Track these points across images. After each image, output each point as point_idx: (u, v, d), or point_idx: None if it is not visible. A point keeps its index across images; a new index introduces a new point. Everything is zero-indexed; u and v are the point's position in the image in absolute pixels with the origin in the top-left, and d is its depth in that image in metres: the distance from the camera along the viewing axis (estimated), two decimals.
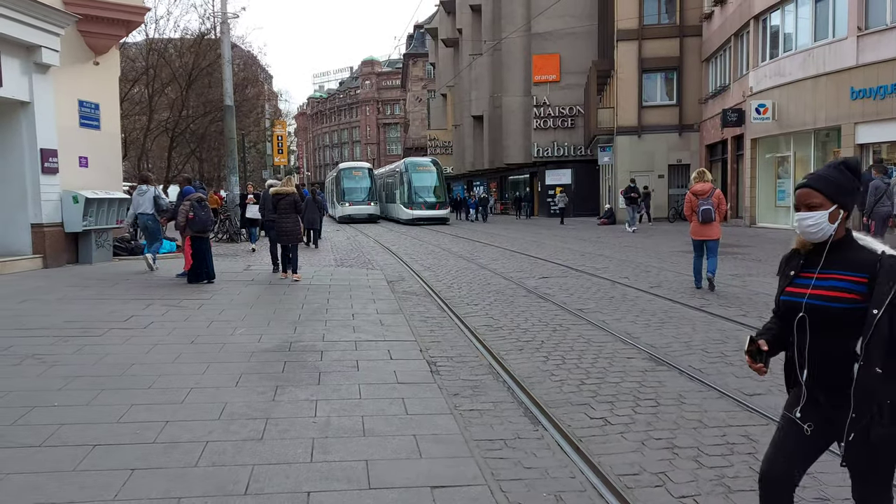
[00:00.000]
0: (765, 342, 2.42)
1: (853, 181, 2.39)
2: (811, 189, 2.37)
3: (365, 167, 40.53)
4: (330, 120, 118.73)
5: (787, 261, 2.53)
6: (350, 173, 38.62)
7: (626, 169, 30.76)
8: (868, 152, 18.47)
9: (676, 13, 30.54)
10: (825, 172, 2.40)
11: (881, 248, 2.30)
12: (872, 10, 17.98)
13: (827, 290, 2.30)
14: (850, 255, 2.33)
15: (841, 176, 2.38)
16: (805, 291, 2.35)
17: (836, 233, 2.34)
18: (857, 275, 2.27)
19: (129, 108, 24.22)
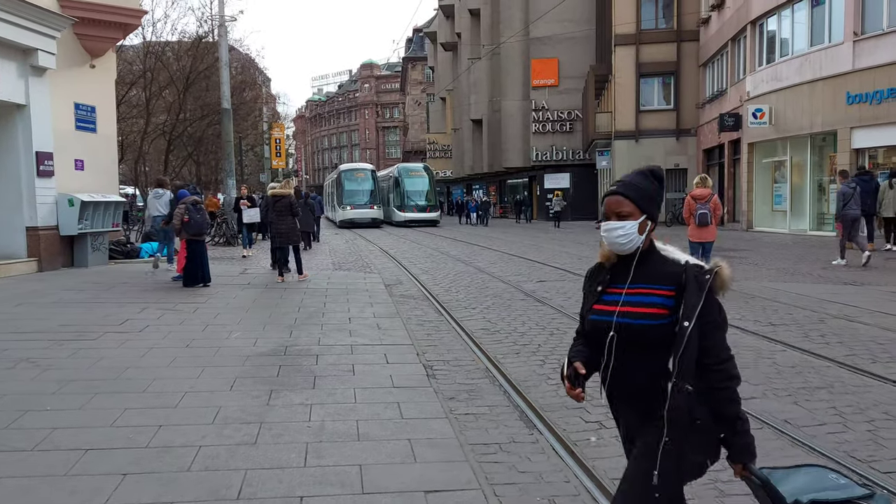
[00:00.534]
0: (581, 365, 2.25)
1: (660, 190, 2.30)
2: (623, 197, 2.23)
3: (367, 168, 38.89)
4: (329, 123, 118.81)
5: (592, 276, 2.36)
6: (352, 175, 36.93)
7: (623, 173, 30.47)
8: (864, 157, 18.51)
9: (674, 18, 30.62)
10: (635, 180, 2.28)
11: (684, 257, 2.21)
12: (869, 15, 18.03)
13: (636, 305, 2.17)
14: (657, 268, 2.21)
15: (650, 184, 2.27)
16: (614, 309, 2.20)
17: (643, 244, 2.23)
18: (664, 288, 2.15)
19: (126, 111, 24.19)
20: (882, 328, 7.29)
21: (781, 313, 8.28)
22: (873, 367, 5.74)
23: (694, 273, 2.12)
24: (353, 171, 38.24)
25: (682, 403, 2.07)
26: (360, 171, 37.77)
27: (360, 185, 36.02)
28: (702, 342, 2.08)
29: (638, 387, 2.18)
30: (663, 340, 2.11)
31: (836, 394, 5.03)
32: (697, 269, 2.14)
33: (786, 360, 6.01)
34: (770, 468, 2.12)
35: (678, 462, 2.11)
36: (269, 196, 12.37)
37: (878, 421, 4.43)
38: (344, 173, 37.28)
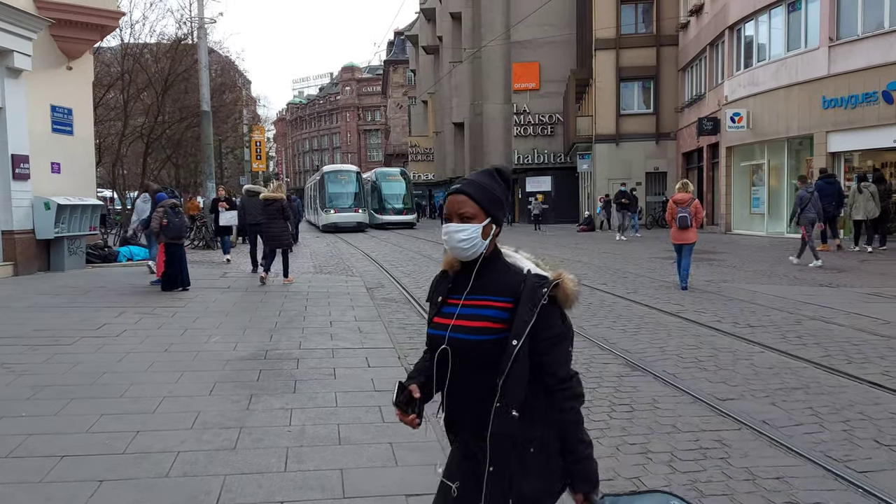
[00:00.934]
0: (417, 387, 2.03)
1: (506, 192, 2.09)
2: (466, 197, 1.99)
3: (352, 170, 37.54)
4: (310, 126, 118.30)
5: (437, 285, 2.13)
6: (335, 177, 35.64)
7: (604, 176, 31.02)
8: (840, 160, 18.79)
9: (653, 23, 30.90)
10: (481, 179, 2.05)
11: (527, 265, 2.01)
12: (844, 21, 18.32)
13: (470, 318, 1.95)
14: (498, 277, 1.99)
15: (497, 185, 2.05)
16: (449, 322, 1.98)
17: (487, 249, 2.00)
18: (501, 299, 1.94)
19: (104, 113, 23.92)
20: (856, 329, 7.40)
21: (759, 315, 8.37)
22: (848, 367, 5.82)
23: (531, 285, 1.91)
24: (338, 172, 36.84)
25: (506, 429, 1.87)
26: (345, 174, 36.47)
27: (345, 188, 34.90)
28: (540, 360, 1.89)
29: (473, 409, 1.95)
30: (498, 359, 1.88)
31: (812, 394, 5.10)
32: (536, 280, 1.93)
33: (763, 362, 6.08)
34: (614, 495, 1.99)
35: (508, 492, 1.89)
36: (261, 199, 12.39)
37: (854, 421, 4.50)
38: (327, 175, 36.00)
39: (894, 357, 6.15)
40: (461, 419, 2.01)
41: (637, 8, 31.38)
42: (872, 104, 17.14)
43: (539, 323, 1.87)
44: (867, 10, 17.61)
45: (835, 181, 16.17)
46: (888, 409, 4.70)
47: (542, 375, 1.91)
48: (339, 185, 35.01)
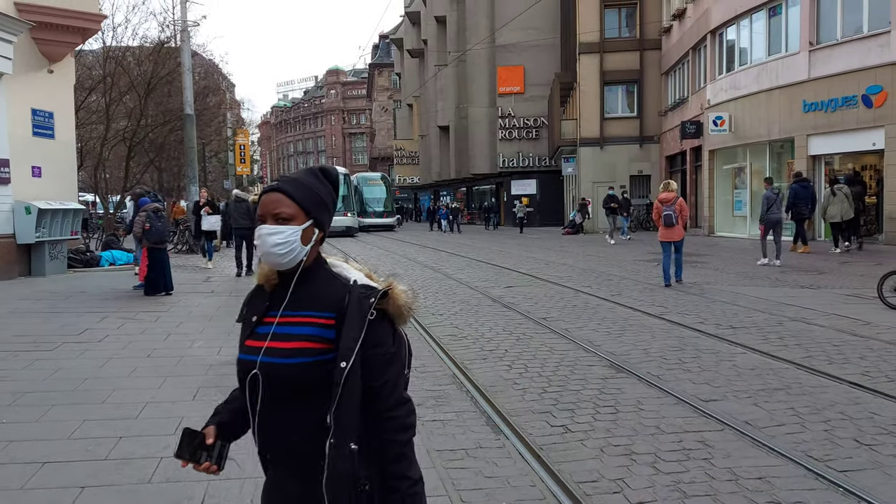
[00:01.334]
0: (213, 430, 1.77)
1: (332, 194, 1.82)
2: (284, 195, 1.72)
3: (340, 173, 38.93)
4: (294, 129, 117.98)
5: (250, 302, 1.83)
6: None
7: (589, 180, 31.17)
8: (820, 163, 19.02)
9: (636, 27, 31.13)
10: (302, 177, 1.78)
11: (354, 275, 1.76)
12: (824, 26, 18.55)
13: (287, 339, 1.66)
14: (319, 289, 1.72)
15: (320, 185, 1.78)
16: (262, 344, 1.69)
17: (308, 258, 1.73)
18: (323, 315, 1.67)
19: (86, 116, 23.67)
20: (837, 330, 7.48)
21: (741, 316, 8.45)
22: (829, 368, 5.88)
23: (357, 296, 1.66)
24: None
25: (345, 468, 1.59)
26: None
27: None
28: (369, 383, 1.64)
29: (294, 448, 1.67)
30: (321, 385, 1.62)
31: (793, 395, 5.15)
32: (363, 291, 1.68)
33: (746, 363, 6.13)
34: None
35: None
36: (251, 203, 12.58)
37: (834, 421, 4.55)
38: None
39: (874, 357, 6.23)
40: (281, 460, 1.72)
41: (620, 12, 31.60)
42: (852, 108, 17.37)
43: (366, 340, 1.63)
44: (846, 15, 17.85)
45: (808, 185, 16.42)
46: (868, 409, 4.76)
47: (371, 401, 1.66)
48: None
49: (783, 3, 19.89)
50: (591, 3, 30.62)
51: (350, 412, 1.61)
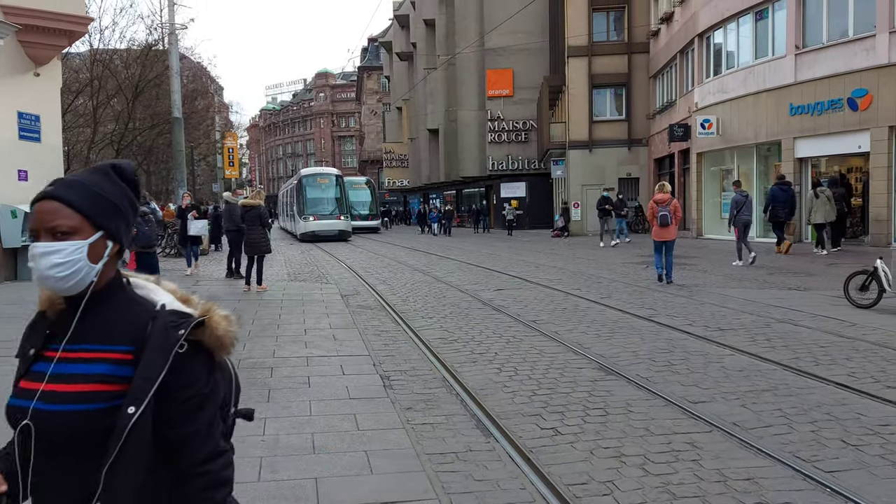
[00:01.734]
0: (1, 478, 1.37)
1: (128, 195, 1.47)
2: (61, 203, 1.38)
3: (332, 174, 34.62)
4: (283, 132, 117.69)
5: (29, 332, 1.46)
6: (314, 181, 32.67)
7: (578, 182, 31.28)
8: (807, 166, 19.18)
9: (624, 31, 31.28)
10: (86, 178, 1.44)
11: (163, 298, 1.44)
12: (810, 30, 18.73)
13: (69, 380, 1.33)
14: (115, 317, 1.39)
15: (112, 185, 1.44)
16: (38, 386, 1.35)
17: (100, 279, 1.38)
18: (118, 348, 1.35)
19: (73, 120, 23.55)
20: (823, 331, 7.55)
21: (729, 318, 8.50)
22: (816, 369, 5.93)
23: (163, 325, 1.35)
24: (317, 176, 33.72)
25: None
26: (325, 177, 33.51)
27: (325, 193, 31.95)
28: (172, 433, 1.34)
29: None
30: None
31: (781, 396, 5.19)
32: (172, 319, 1.36)
33: (734, 364, 6.17)
34: None
35: None
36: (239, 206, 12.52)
37: (821, 422, 4.59)
38: (306, 179, 32.83)
39: (860, 359, 6.29)
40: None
41: (609, 16, 31.75)
42: (838, 111, 17.53)
43: (171, 380, 1.31)
44: (832, 19, 18.03)
45: (788, 188, 16.63)
46: (854, 410, 4.81)
47: (177, 456, 1.36)
48: (319, 189, 31.97)
49: (770, 7, 20.06)
50: (580, 7, 30.77)
51: (131, 472, 1.28)
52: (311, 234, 29.88)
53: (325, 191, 31.94)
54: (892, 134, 16.38)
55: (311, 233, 29.88)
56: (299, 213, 31.64)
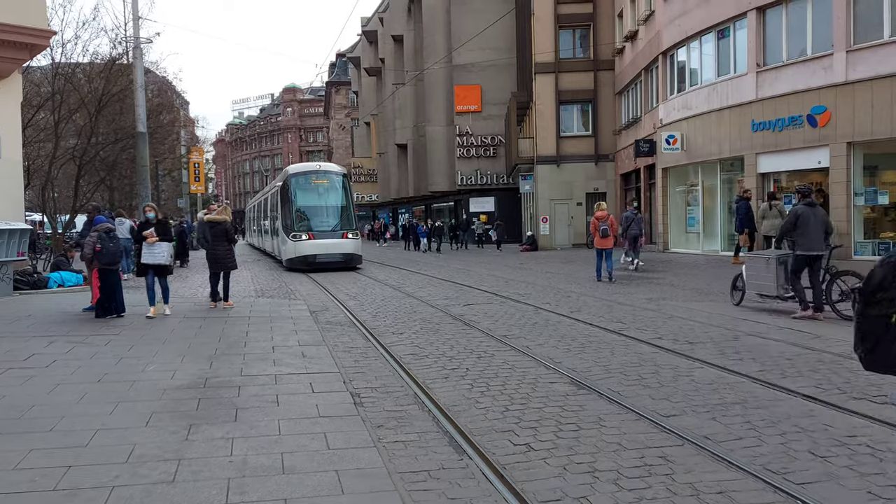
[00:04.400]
0: None
1: None
2: None
3: (334, 172, 23.20)
4: (250, 147, 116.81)
5: None
6: (307, 182, 22.04)
7: (546, 197, 31.52)
8: (769, 181, 19.58)
9: (590, 48, 31.75)
10: None
11: None
12: (770, 48, 19.20)
13: None
14: None
15: None
16: None
17: None
18: None
19: (33, 134, 23.01)
20: (789, 343, 7.67)
21: (698, 331, 8.59)
22: (783, 381, 6.01)
23: None
24: (311, 175, 22.58)
25: None
26: (323, 176, 22.50)
27: (324, 199, 21.92)
28: None
29: None
30: None
31: (749, 408, 5.24)
32: None
33: (703, 377, 6.22)
34: None
35: None
36: (205, 221, 12.22)
37: (790, 434, 4.63)
38: (295, 179, 22.14)
39: (825, 370, 6.39)
40: None
41: (575, 33, 32.21)
42: (798, 127, 17.97)
43: None
44: (791, 38, 18.52)
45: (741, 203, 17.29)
46: (822, 422, 4.87)
47: None
48: (314, 194, 21.93)
49: (731, 27, 20.54)
50: (546, 25, 31.17)
51: None
52: (307, 260, 20.46)
53: (323, 196, 22.01)
54: (851, 150, 16.84)
55: (307, 258, 20.46)
56: (286, 229, 21.50)
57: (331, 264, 20.52)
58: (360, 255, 21.84)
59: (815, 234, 9.38)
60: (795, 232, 9.45)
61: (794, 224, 9.45)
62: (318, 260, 20.50)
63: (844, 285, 9.51)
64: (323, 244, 20.70)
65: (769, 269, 10.14)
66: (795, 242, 9.52)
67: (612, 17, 31.02)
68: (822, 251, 9.49)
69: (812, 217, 9.38)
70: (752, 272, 10.54)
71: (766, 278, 10.19)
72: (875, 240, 16.92)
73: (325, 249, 20.67)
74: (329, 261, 20.58)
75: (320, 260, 20.54)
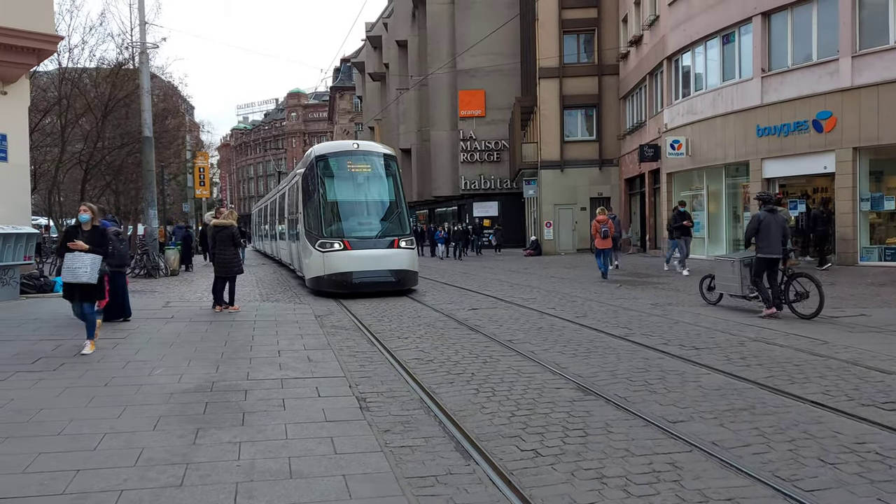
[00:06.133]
0: None
1: None
2: None
3: (376, 153, 16.38)
4: (255, 151, 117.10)
5: None
6: (341, 167, 15.68)
7: (550, 202, 31.53)
8: (774, 186, 19.55)
9: (595, 53, 31.79)
10: None
11: None
12: (775, 53, 19.20)
13: None
14: None
15: None
16: None
17: None
18: None
19: (40, 139, 23.11)
20: (796, 349, 7.64)
21: (704, 337, 8.57)
22: (791, 387, 5.99)
23: None
24: (344, 156, 15.87)
25: None
26: (363, 159, 15.95)
27: (364, 191, 15.68)
28: None
29: None
30: None
31: (758, 415, 5.22)
32: None
33: (710, 383, 6.21)
34: None
35: None
36: (212, 226, 12.18)
37: (799, 440, 4.62)
38: (323, 163, 15.63)
39: (833, 376, 6.36)
40: None
41: (579, 38, 32.25)
42: (803, 132, 17.95)
43: None
44: (796, 43, 18.51)
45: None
46: (831, 428, 4.85)
47: None
48: (351, 183, 15.64)
49: (736, 31, 20.54)
50: (551, 29, 31.22)
51: None
52: (339, 279, 14.29)
53: (364, 187, 15.66)
54: (857, 155, 16.82)
55: (339, 277, 14.29)
56: (310, 235, 15.21)
57: (376, 286, 14.32)
58: (416, 271, 15.47)
59: (775, 239, 10.05)
60: (757, 236, 10.10)
61: (756, 229, 10.11)
62: (355, 280, 14.21)
63: (800, 287, 10.03)
64: (364, 257, 14.37)
65: (734, 271, 10.87)
66: (758, 246, 10.17)
67: (617, 22, 31.05)
68: (780, 254, 10.12)
69: (773, 223, 10.07)
70: (720, 274, 11.32)
71: (732, 280, 10.93)
72: (881, 245, 16.88)
73: (367, 265, 14.33)
74: (373, 280, 14.32)
75: (360, 280, 14.25)
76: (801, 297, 9.93)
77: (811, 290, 9.74)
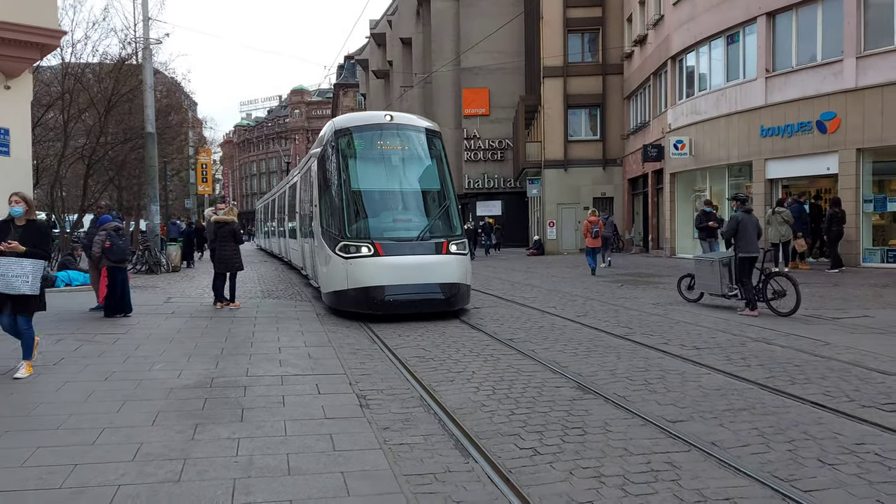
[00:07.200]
0: None
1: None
2: None
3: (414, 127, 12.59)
4: (258, 148, 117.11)
5: None
6: (370, 146, 11.76)
7: (553, 201, 31.50)
8: (778, 187, 19.51)
9: (599, 52, 31.73)
10: None
11: None
12: (779, 54, 19.16)
13: None
14: None
15: None
16: None
17: None
18: None
19: (43, 133, 23.10)
20: (796, 350, 7.62)
21: (704, 337, 8.55)
22: (791, 388, 5.98)
23: None
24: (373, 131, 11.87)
25: None
26: (396, 136, 11.99)
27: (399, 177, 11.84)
28: None
29: None
30: None
31: (757, 415, 5.21)
32: None
33: (710, 383, 6.19)
34: None
35: None
36: (213, 222, 12.10)
37: (798, 441, 4.61)
38: (346, 140, 11.71)
39: (834, 377, 6.35)
40: None
41: (583, 37, 32.20)
42: (807, 133, 17.90)
43: None
44: (801, 44, 18.46)
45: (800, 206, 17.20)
46: (831, 429, 4.83)
47: None
48: (383, 167, 11.83)
49: (741, 31, 20.49)
50: (555, 28, 31.16)
51: None
52: (366, 296, 10.55)
53: (398, 172, 11.95)
54: (860, 156, 16.78)
55: (366, 294, 10.55)
56: (329, 237, 11.31)
57: (417, 305, 10.61)
58: (469, 284, 11.60)
59: (752, 238, 10.40)
60: (736, 236, 10.39)
61: (735, 230, 10.40)
62: (389, 297, 10.50)
63: (777, 285, 10.26)
64: (402, 266, 10.65)
65: (714, 270, 11.17)
66: (736, 246, 10.44)
67: (621, 22, 30.98)
68: (757, 253, 10.42)
69: (749, 223, 10.41)
70: (700, 274, 11.63)
71: (712, 279, 11.23)
72: (884, 247, 16.84)
73: (406, 276, 10.62)
74: (414, 297, 10.58)
75: (396, 296, 10.53)
76: (779, 295, 10.17)
77: (788, 289, 10.01)
